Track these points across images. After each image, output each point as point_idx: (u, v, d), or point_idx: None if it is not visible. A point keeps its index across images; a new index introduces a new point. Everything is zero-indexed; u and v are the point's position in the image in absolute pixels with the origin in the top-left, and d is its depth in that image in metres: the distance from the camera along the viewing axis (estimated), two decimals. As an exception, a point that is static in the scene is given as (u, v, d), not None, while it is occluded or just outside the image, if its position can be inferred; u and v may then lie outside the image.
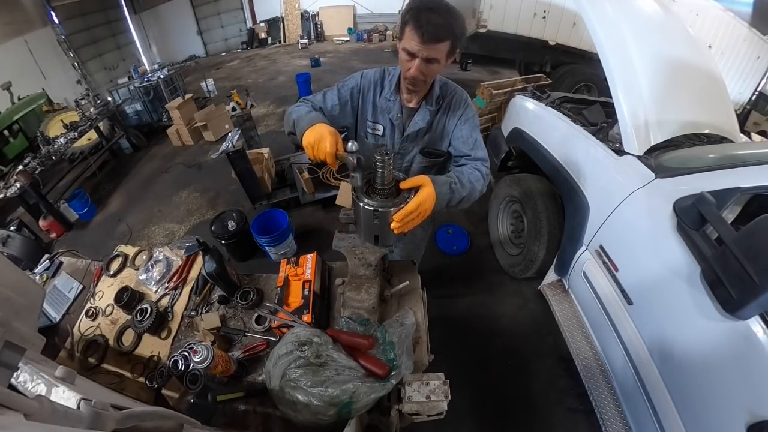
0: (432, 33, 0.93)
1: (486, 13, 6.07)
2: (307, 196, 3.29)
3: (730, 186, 1.30)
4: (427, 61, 0.99)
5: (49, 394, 0.59)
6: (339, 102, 1.20)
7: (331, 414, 0.80)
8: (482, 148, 1.16)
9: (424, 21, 0.92)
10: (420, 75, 1.02)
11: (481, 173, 1.09)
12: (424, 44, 0.95)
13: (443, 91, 1.18)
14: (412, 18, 0.94)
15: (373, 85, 1.21)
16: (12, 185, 3.32)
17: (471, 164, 1.12)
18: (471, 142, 1.16)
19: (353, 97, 1.23)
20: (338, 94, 1.21)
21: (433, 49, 0.96)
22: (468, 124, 1.17)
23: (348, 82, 1.24)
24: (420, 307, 1.16)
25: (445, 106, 1.19)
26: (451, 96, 1.19)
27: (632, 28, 1.82)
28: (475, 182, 1.05)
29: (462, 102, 1.18)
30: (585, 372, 1.73)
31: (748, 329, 1.04)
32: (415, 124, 1.19)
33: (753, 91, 4.75)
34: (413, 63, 1.00)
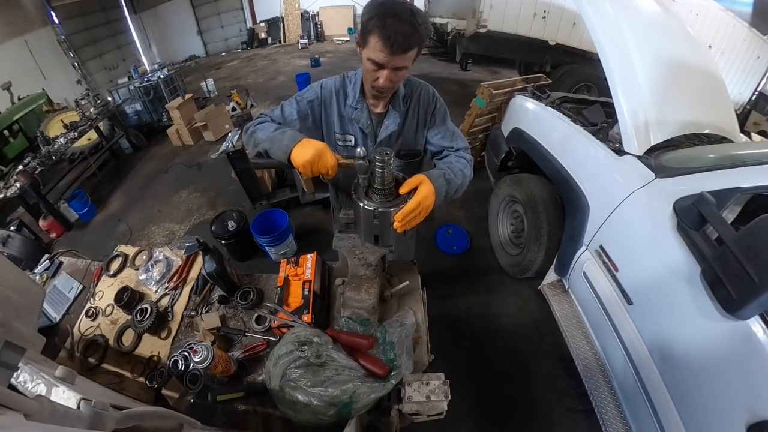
0: (401, 43, 0.89)
1: (486, 13, 6.07)
2: (307, 196, 3.29)
3: (730, 186, 1.30)
4: (396, 70, 0.96)
5: (49, 394, 0.59)
6: (298, 116, 1.14)
7: (331, 414, 0.80)
8: (460, 137, 1.17)
9: (391, 31, 0.87)
10: (389, 84, 0.99)
11: (467, 160, 1.11)
12: (394, 55, 0.91)
13: (408, 89, 1.15)
14: (376, 27, 0.88)
15: (336, 95, 1.15)
16: (12, 185, 3.32)
17: (454, 154, 1.12)
18: (449, 135, 1.16)
19: (314, 110, 1.16)
20: (297, 107, 1.14)
21: (403, 58, 0.93)
22: (440, 116, 1.17)
23: (306, 94, 1.17)
24: (420, 307, 1.16)
25: (414, 104, 1.16)
26: (418, 93, 1.15)
27: (632, 28, 1.82)
28: (464, 169, 1.07)
29: (430, 97, 1.16)
30: (585, 372, 1.73)
31: (748, 329, 1.04)
32: (386, 128, 1.14)
33: (753, 91, 4.75)
34: (382, 73, 0.96)
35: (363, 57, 0.97)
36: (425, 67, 7.75)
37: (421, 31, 0.91)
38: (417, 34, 0.90)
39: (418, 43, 0.92)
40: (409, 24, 0.88)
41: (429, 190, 0.90)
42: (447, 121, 1.17)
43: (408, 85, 1.15)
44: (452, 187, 0.99)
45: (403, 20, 0.87)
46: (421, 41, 0.93)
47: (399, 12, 0.88)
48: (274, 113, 1.13)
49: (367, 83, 1.06)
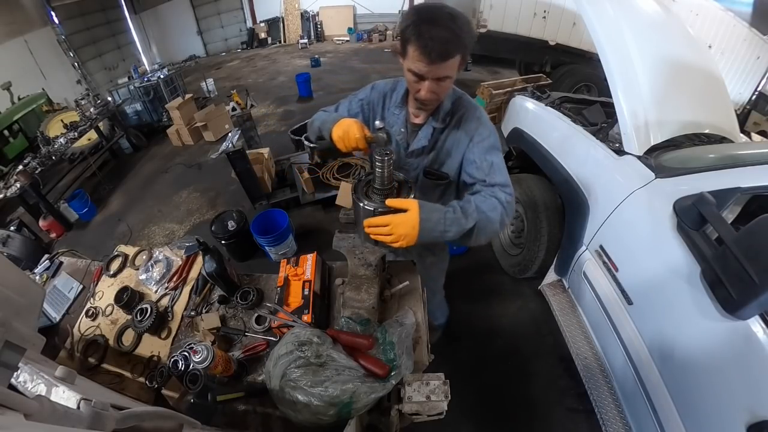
0: (440, 51, 0.83)
1: (486, 13, 6.07)
2: (307, 196, 3.29)
3: (730, 186, 1.30)
4: (438, 80, 0.90)
5: (49, 394, 0.59)
6: (348, 114, 1.16)
7: (331, 414, 0.80)
8: (500, 172, 1.00)
9: (428, 38, 0.82)
10: (432, 95, 0.93)
11: (499, 200, 0.93)
12: (433, 64, 0.85)
13: (455, 106, 1.06)
14: (413, 35, 0.84)
15: (382, 98, 1.14)
16: (12, 185, 3.32)
17: (486, 191, 0.97)
18: (486, 166, 1.00)
19: (363, 110, 1.18)
20: (349, 105, 1.18)
21: (444, 67, 0.87)
22: (481, 145, 1.02)
23: (359, 94, 1.19)
24: (420, 307, 1.16)
25: (454, 123, 1.06)
26: (462, 113, 1.06)
27: (632, 28, 1.82)
28: (488, 211, 0.91)
29: (473, 120, 1.04)
30: (585, 372, 1.73)
31: (748, 329, 1.04)
32: (418, 140, 1.09)
33: (753, 91, 4.74)
34: (423, 85, 0.91)
35: (404, 68, 0.93)
36: (425, 67, 7.75)
37: (463, 37, 0.84)
38: (457, 40, 0.84)
39: (459, 49, 0.85)
40: (448, 29, 0.82)
41: (410, 219, 0.84)
42: (489, 152, 1.02)
43: (455, 102, 1.07)
44: (455, 229, 0.87)
45: (441, 26, 0.82)
46: (463, 48, 0.86)
47: (436, 17, 0.83)
48: (331, 108, 1.20)
49: (411, 95, 1.01)
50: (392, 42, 10.54)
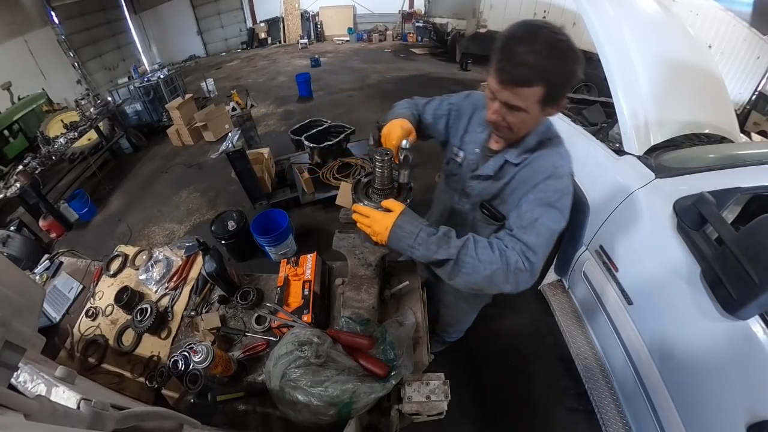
0: (513, 74, 0.74)
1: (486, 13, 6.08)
2: (307, 196, 3.29)
3: (730, 186, 1.30)
4: (509, 107, 0.79)
5: (49, 394, 0.59)
6: (434, 115, 1.12)
7: (331, 414, 0.80)
8: (537, 235, 0.81)
9: (508, 55, 0.73)
10: (499, 120, 0.83)
11: (507, 260, 0.77)
12: (502, 85, 0.76)
13: (540, 146, 0.92)
14: (498, 48, 0.76)
15: (472, 111, 1.05)
16: (12, 185, 3.32)
17: (507, 241, 0.81)
18: (527, 218, 0.83)
19: (450, 115, 1.11)
20: (437, 106, 1.13)
21: (515, 94, 0.76)
22: (539, 195, 0.85)
23: (452, 98, 1.13)
24: (420, 307, 1.16)
25: (527, 165, 0.91)
26: (539, 159, 0.90)
27: (632, 28, 1.82)
28: (481, 262, 0.77)
29: (549, 168, 0.87)
30: (585, 372, 1.73)
31: (748, 329, 1.04)
32: (485, 167, 0.99)
33: (753, 91, 4.74)
34: (493, 104, 0.82)
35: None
36: (425, 68, 7.76)
37: (549, 68, 0.72)
38: (541, 71, 0.72)
39: (539, 81, 0.73)
40: (535, 55, 0.71)
41: (383, 220, 0.81)
42: (541, 207, 0.83)
43: (543, 143, 0.92)
44: (421, 252, 0.79)
45: (528, 48, 0.71)
46: (545, 81, 0.73)
47: (529, 37, 0.72)
48: (421, 100, 1.17)
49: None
50: (392, 42, 10.56)
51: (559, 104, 0.81)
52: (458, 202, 1.14)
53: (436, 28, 8.34)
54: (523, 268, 0.78)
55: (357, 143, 3.85)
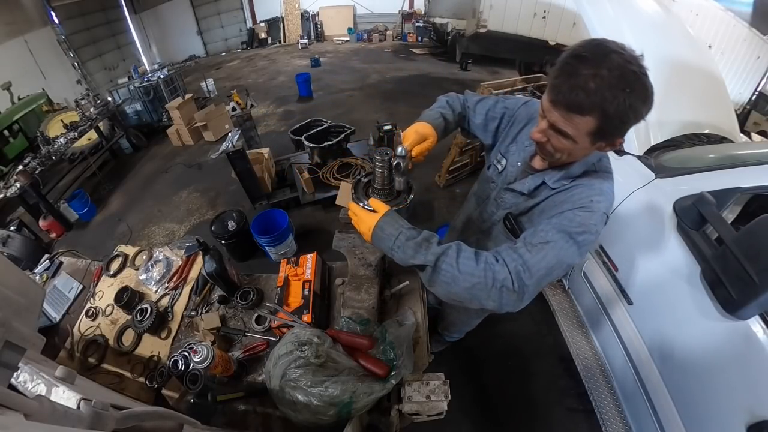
0: (566, 96, 0.67)
1: (486, 13, 6.09)
2: (307, 196, 3.29)
3: (730, 186, 1.30)
4: (556, 130, 0.73)
5: (49, 394, 0.59)
6: (485, 116, 1.06)
7: (331, 414, 0.80)
8: (540, 256, 0.72)
9: (567, 75, 0.67)
10: (544, 141, 0.78)
11: (493, 274, 0.70)
12: (553, 105, 0.71)
13: (583, 177, 0.84)
14: (560, 64, 0.69)
15: (526, 121, 0.98)
16: (12, 185, 3.32)
17: (504, 254, 0.74)
18: (538, 237, 0.75)
19: (502, 119, 1.05)
20: (492, 107, 1.06)
21: (564, 119, 0.70)
22: (560, 221, 0.77)
23: (508, 101, 1.06)
24: (420, 307, 1.16)
25: (563, 191, 0.85)
26: (581, 187, 0.82)
27: (632, 28, 1.82)
28: (465, 273, 0.71)
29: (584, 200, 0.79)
30: (585, 372, 1.73)
31: (748, 329, 1.04)
32: (521, 183, 0.94)
33: (753, 91, 4.74)
34: (541, 123, 0.77)
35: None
36: (425, 68, 7.76)
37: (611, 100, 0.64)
38: (598, 99, 0.64)
39: (594, 112, 0.66)
40: (597, 80, 0.63)
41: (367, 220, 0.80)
42: (558, 233, 0.74)
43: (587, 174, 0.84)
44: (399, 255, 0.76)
45: (591, 71, 0.64)
46: (601, 114, 0.66)
47: (596, 60, 0.64)
48: (473, 98, 1.11)
49: None
50: (392, 42, 10.56)
51: (614, 143, 0.74)
52: (487, 209, 1.10)
53: (436, 28, 8.35)
54: (511, 288, 0.70)
55: (357, 143, 3.85)
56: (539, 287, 0.75)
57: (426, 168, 3.91)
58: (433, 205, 3.34)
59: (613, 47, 0.65)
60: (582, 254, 0.77)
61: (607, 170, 0.86)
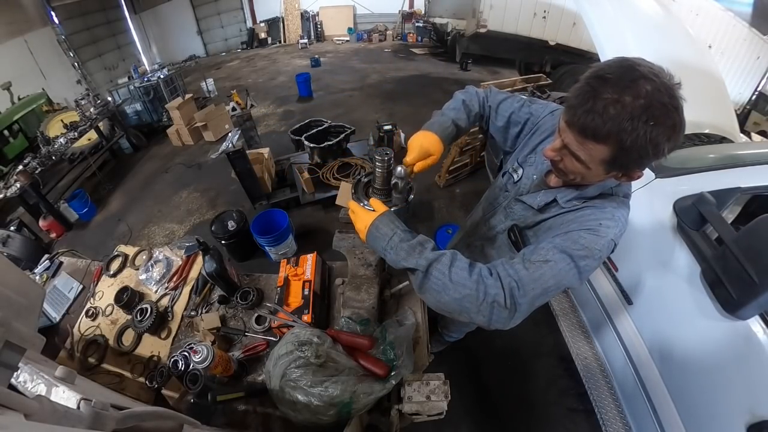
0: (582, 119, 0.62)
1: (486, 13, 6.08)
2: (307, 196, 3.29)
3: (730, 186, 1.30)
4: (569, 151, 0.69)
5: (49, 394, 0.59)
6: (509, 119, 1.01)
7: (331, 414, 0.80)
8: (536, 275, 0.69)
9: (586, 95, 0.62)
10: (557, 158, 0.74)
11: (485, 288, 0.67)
12: (568, 125, 0.67)
13: (597, 200, 0.80)
14: (582, 81, 0.64)
15: (552, 131, 0.90)
16: (12, 185, 3.32)
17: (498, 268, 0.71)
18: (537, 255, 0.72)
19: (525, 125, 0.99)
20: (518, 111, 1.00)
21: (577, 143, 0.66)
22: (563, 241, 0.73)
23: (534, 106, 0.99)
24: (420, 307, 1.16)
25: (573, 212, 0.81)
26: (592, 209, 0.78)
27: (632, 28, 1.82)
28: (456, 284, 0.68)
29: (589, 222, 0.75)
30: (585, 372, 1.73)
31: (748, 329, 1.04)
32: (533, 197, 0.91)
33: (753, 91, 4.75)
34: (556, 140, 0.72)
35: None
36: (425, 68, 7.76)
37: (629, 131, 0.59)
38: (615, 127, 0.59)
39: (608, 139, 0.61)
40: (618, 106, 0.58)
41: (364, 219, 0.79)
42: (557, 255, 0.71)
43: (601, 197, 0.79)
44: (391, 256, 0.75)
45: (614, 95, 0.59)
46: (617, 143, 0.61)
47: (623, 83, 0.59)
48: (498, 96, 1.04)
49: None
50: (392, 42, 10.56)
51: (631, 175, 0.69)
52: (495, 217, 1.08)
53: (436, 28, 8.34)
54: (503, 304, 0.67)
55: (357, 143, 3.85)
56: (533, 307, 0.71)
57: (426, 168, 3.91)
58: (433, 205, 3.34)
59: (646, 72, 0.59)
60: (582, 280, 0.72)
61: (626, 195, 0.82)
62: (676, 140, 0.62)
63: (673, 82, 0.60)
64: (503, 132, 1.04)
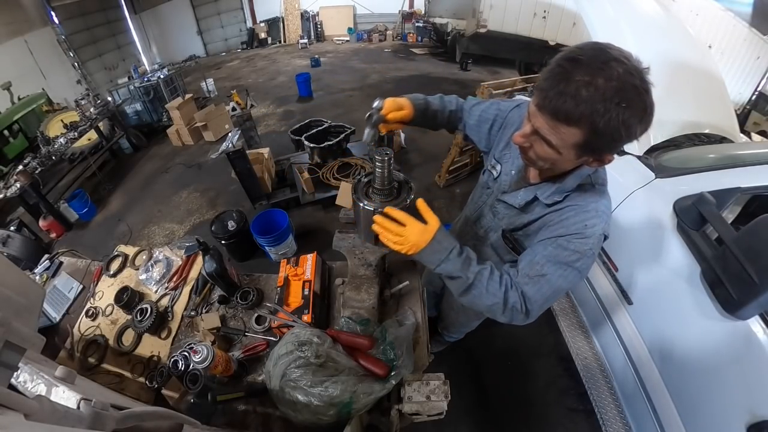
0: (554, 102, 0.62)
1: (486, 13, 6.08)
2: (307, 196, 3.29)
3: (730, 186, 1.30)
4: (540, 136, 0.68)
5: (49, 394, 0.59)
6: (479, 117, 1.05)
7: (331, 414, 0.80)
8: (537, 288, 0.77)
9: (557, 78, 0.61)
10: (526, 146, 0.73)
11: (507, 297, 0.77)
12: (538, 109, 0.66)
13: (579, 191, 0.79)
14: (552, 64, 0.63)
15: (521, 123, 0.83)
16: (12, 185, 3.32)
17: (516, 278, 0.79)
18: (534, 270, 0.77)
19: (495, 122, 1.02)
20: (485, 109, 1.04)
21: (549, 126, 0.65)
22: (555, 251, 0.76)
23: (503, 104, 1.03)
24: (420, 307, 1.16)
25: (557, 211, 0.81)
26: (577, 204, 0.78)
27: (632, 28, 1.82)
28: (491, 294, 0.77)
29: (578, 223, 0.76)
30: (585, 372, 1.73)
31: (748, 329, 1.04)
32: (514, 196, 0.90)
33: (753, 91, 4.75)
34: (525, 126, 0.71)
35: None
36: (425, 68, 7.76)
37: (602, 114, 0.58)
38: (587, 110, 0.59)
39: (581, 122, 0.61)
40: (590, 88, 0.58)
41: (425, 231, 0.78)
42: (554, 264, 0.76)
43: (582, 188, 0.79)
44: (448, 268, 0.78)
45: (585, 77, 0.58)
46: (590, 126, 0.61)
47: (594, 66, 0.59)
48: (471, 101, 1.11)
49: None
50: (392, 42, 10.56)
51: (603, 159, 0.69)
52: (484, 216, 1.09)
53: (436, 28, 8.35)
54: (520, 309, 0.78)
55: (357, 143, 3.85)
56: (544, 308, 0.81)
57: (426, 168, 3.91)
58: (433, 205, 3.35)
59: (616, 54, 0.60)
60: (583, 276, 0.79)
61: (602, 182, 0.82)
62: (648, 123, 0.62)
63: (642, 66, 0.61)
64: (476, 130, 1.08)
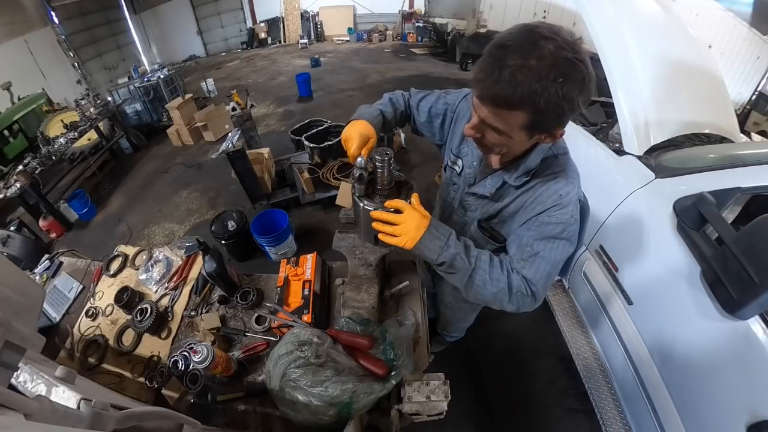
0: (491, 90, 0.61)
1: (486, 13, 6.09)
2: (307, 196, 3.29)
3: (730, 186, 1.30)
4: (488, 125, 0.69)
5: (49, 394, 0.59)
6: (429, 113, 1.03)
7: (331, 414, 0.80)
8: (534, 268, 0.78)
9: (491, 66, 0.60)
10: (478, 137, 0.74)
11: (511, 282, 0.78)
12: (479, 100, 0.66)
13: (544, 166, 0.81)
14: (485, 54, 0.63)
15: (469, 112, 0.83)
16: (12, 185, 3.32)
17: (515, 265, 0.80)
18: (527, 252, 0.79)
19: (445, 116, 1.01)
20: (434, 103, 1.02)
21: (492, 114, 0.65)
22: (540, 228, 0.79)
23: (450, 96, 1.02)
24: (420, 307, 1.16)
25: (528, 191, 0.82)
26: (549, 178, 0.80)
27: (632, 28, 1.82)
28: (494, 280, 0.78)
29: (554, 194, 0.78)
30: (585, 372, 1.73)
31: (748, 329, 1.04)
32: (482, 185, 0.90)
33: (753, 91, 4.74)
34: (473, 117, 0.72)
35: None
36: (425, 68, 7.76)
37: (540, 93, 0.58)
38: (525, 92, 0.59)
39: (521, 105, 0.61)
40: (524, 72, 0.58)
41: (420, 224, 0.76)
42: (543, 241, 0.78)
43: (548, 162, 0.81)
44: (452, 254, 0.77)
45: (518, 61, 0.58)
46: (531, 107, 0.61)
47: (524, 49, 0.58)
48: (418, 95, 1.08)
49: None
50: (392, 42, 10.56)
51: (554, 135, 0.70)
52: (455, 212, 1.08)
53: (436, 28, 8.35)
54: (526, 293, 0.78)
55: (357, 143, 3.85)
56: (547, 286, 0.82)
57: (426, 168, 3.91)
58: (432, 205, 3.34)
59: (545, 33, 0.58)
60: (574, 243, 0.81)
61: (565, 150, 0.84)
62: (589, 92, 0.63)
63: (575, 38, 0.61)
64: (428, 126, 1.08)
